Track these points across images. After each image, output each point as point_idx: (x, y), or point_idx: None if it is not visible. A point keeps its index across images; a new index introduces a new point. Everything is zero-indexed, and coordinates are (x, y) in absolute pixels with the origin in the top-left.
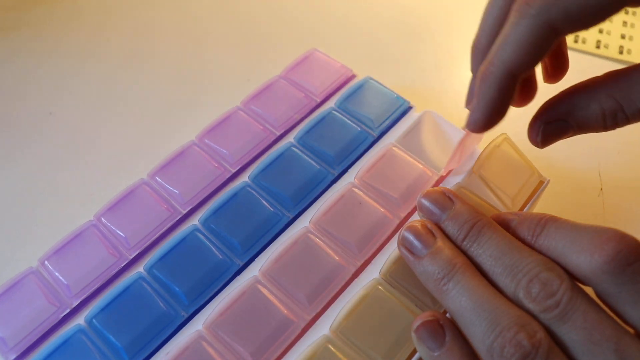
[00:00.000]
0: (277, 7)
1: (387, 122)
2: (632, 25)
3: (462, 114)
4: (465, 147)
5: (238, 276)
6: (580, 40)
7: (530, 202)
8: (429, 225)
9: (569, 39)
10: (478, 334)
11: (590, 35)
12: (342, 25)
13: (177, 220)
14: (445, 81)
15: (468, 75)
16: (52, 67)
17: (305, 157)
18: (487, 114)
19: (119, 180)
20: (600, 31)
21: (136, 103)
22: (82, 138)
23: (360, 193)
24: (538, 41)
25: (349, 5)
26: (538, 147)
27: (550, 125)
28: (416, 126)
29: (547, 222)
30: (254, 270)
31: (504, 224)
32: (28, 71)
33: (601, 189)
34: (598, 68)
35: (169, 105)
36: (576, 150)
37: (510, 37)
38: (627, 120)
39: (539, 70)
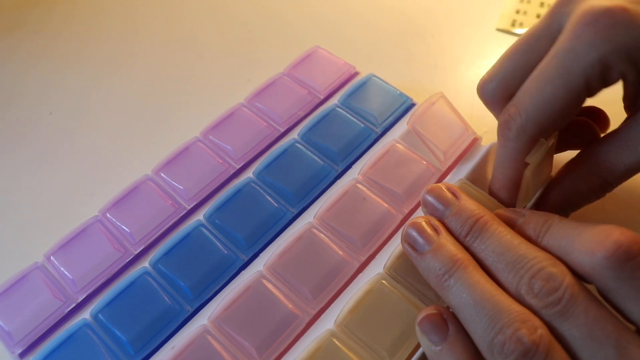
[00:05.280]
0: (279, 6)
1: (391, 119)
2: None
3: (464, 112)
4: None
5: (243, 271)
6: None
7: (535, 198)
8: (432, 222)
9: None
10: (479, 330)
11: None
12: (345, 22)
13: (182, 216)
14: (448, 78)
15: (469, 73)
16: (52, 67)
17: (309, 153)
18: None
19: (123, 177)
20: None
21: (138, 101)
22: (85, 136)
23: (364, 189)
24: (523, 153)
25: (351, 2)
26: None
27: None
28: None
29: (552, 221)
30: (259, 265)
31: (510, 222)
32: (28, 71)
33: None
34: None
35: (172, 104)
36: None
37: (504, 160)
38: (612, 188)
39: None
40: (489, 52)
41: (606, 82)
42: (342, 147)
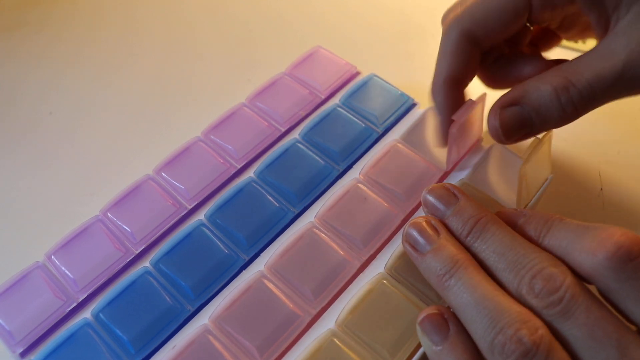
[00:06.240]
0: (279, 5)
1: (392, 119)
2: None
3: None
4: (459, 138)
5: (244, 271)
6: (580, 41)
7: (535, 198)
8: (433, 222)
9: (571, 42)
10: (479, 330)
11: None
12: (346, 23)
13: (183, 216)
14: None
15: None
16: (52, 67)
17: (310, 153)
18: (445, 119)
19: (124, 176)
20: None
21: (138, 101)
22: (85, 136)
23: (365, 189)
24: (460, 50)
25: (352, 2)
26: (501, 140)
27: (508, 111)
28: (420, 123)
29: (553, 222)
30: (260, 265)
31: (511, 222)
32: (28, 71)
33: (601, 189)
34: None
35: (173, 104)
36: (576, 149)
37: (440, 53)
38: (581, 98)
39: None
40: None
41: (548, 3)
42: (343, 146)
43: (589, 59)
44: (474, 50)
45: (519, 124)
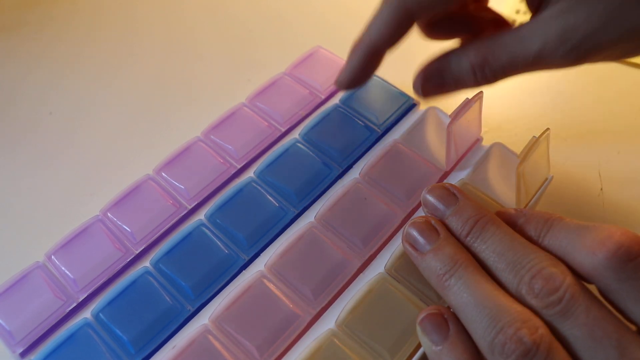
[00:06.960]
0: (279, 5)
1: (392, 119)
2: None
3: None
4: (457, 137)
5: (244, 270)
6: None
7: (535, 198)
8: (433, 222)
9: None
10: (479, 330)
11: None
12: (346, 23)
13: (183, 216)
14: None
15: None
16: (52, 67)
17: (311, 153)
18: (350, 77)
19: (124, 176)
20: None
21: (138, 101)
22: (85, 136)
23: (365, 189)
24: (396, 23)
25: (352, 2)
26: (420, 97)
27: (429, 82)
28: (420, 123)
29: (553, 222)
30: (260, 265)
31: (510, 222)
32: (28, 71)
33: (601, 189)
34: None
35: (173, 104)
36: (576, 150)
37: (376, 20)
38: (494, 75)
39: None
40: None
41: None
42: (343, 146)
43: (508, 39)
44: (409, 24)
45: (438, 89)
